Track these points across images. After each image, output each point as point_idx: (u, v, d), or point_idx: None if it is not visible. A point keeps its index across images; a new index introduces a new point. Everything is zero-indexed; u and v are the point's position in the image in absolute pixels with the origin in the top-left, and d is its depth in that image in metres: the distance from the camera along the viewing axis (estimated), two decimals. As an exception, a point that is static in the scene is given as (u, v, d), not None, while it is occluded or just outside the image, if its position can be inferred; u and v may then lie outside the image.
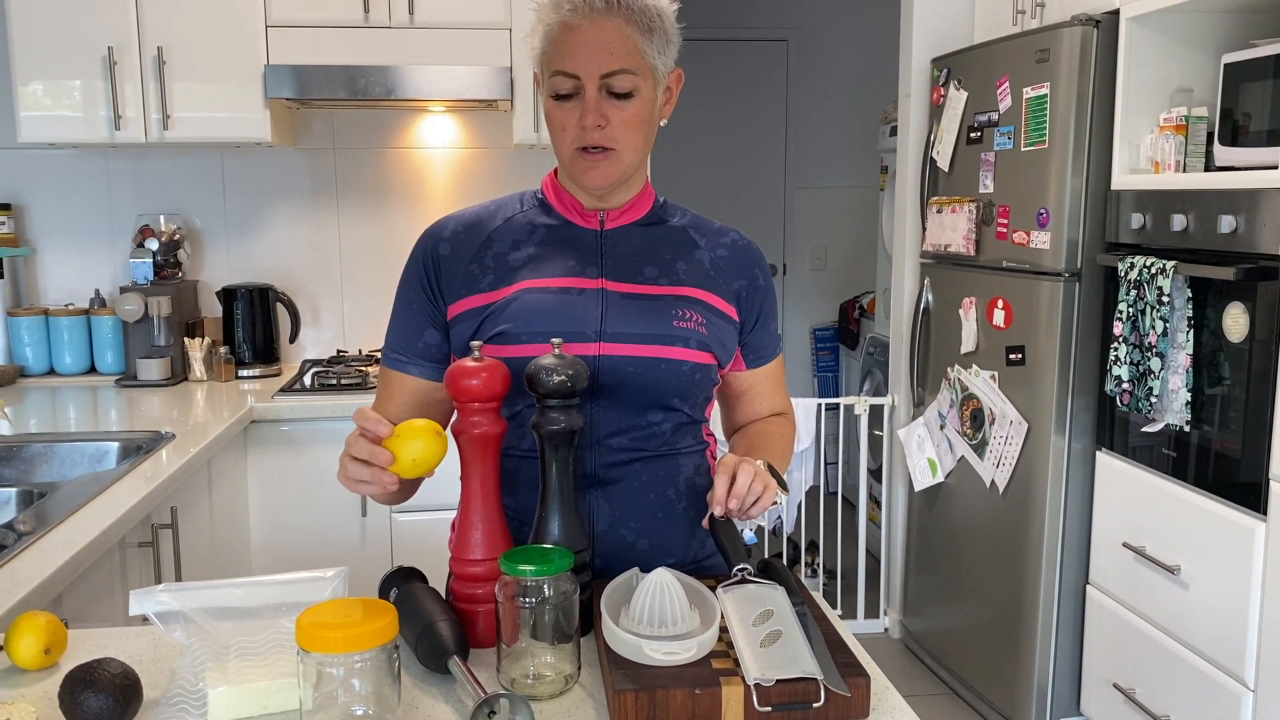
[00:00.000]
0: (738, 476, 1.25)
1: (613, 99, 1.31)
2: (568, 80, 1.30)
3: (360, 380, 2.98)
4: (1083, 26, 2.65)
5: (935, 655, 3.41)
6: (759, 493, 1.25)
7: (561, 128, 1.33)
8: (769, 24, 5.52)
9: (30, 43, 2.82)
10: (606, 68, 1.29)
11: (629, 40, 1.29)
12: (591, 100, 1.30)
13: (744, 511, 1.26)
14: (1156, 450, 2.53)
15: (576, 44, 1.29)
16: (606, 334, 1.34)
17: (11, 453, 2.33)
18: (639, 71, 1.31)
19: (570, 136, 1.32)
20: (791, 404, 1.59)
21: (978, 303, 3.08)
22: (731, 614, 1.16)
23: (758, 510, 1.26)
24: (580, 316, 1.34)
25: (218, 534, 2.54)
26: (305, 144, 3.36)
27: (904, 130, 3.58)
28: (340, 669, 0.97)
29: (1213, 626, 2.33)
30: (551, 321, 1.33)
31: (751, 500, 1.25)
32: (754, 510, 1.26)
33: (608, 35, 1.28)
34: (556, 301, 1.34)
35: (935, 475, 3.30)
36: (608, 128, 1.31)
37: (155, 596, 1.07)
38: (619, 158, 1.33)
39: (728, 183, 5.62)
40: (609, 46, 1.29)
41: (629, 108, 1.31)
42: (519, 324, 1.32)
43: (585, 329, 1.33)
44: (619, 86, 1.30)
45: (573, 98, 1.31)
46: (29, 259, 3.28)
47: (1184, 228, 2.38)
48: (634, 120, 1.32)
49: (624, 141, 1.33)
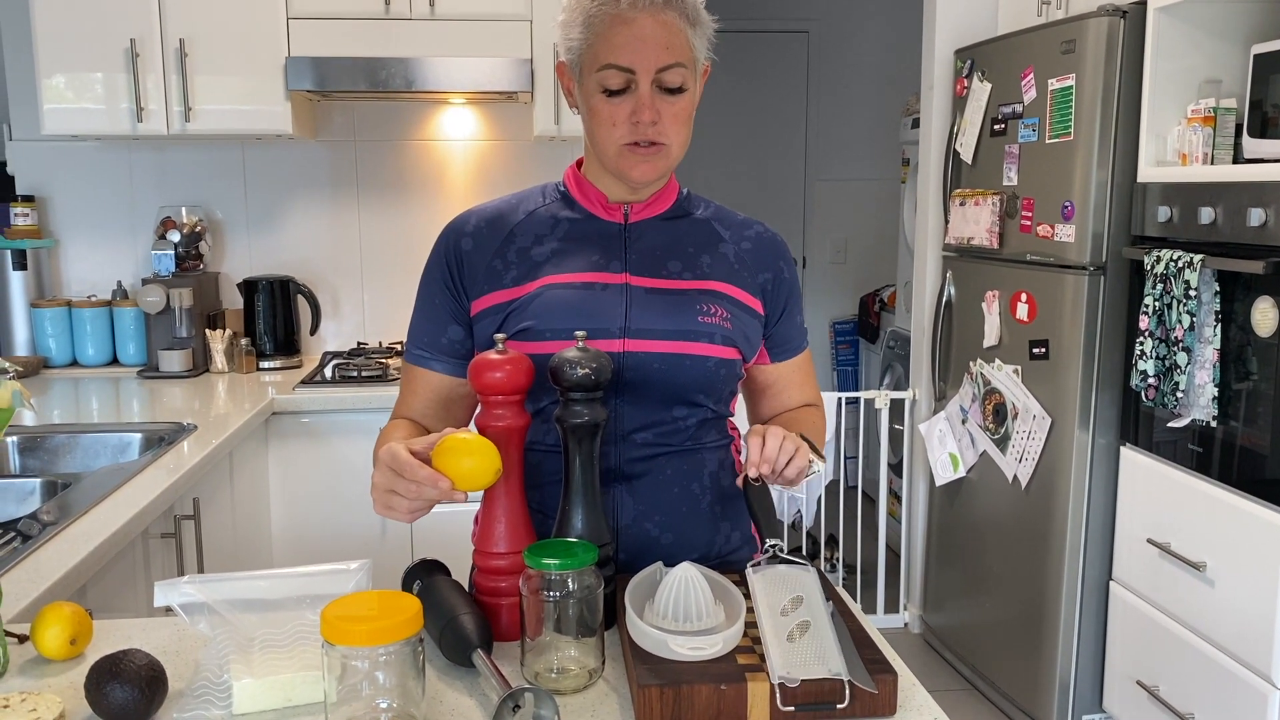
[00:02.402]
0: (767, 439, 1.23)
1: (664, 94, 1.29)
2: (620, 74, 1.28)
3: (381, 372, 2.98)
4: (1109, 17, 2.62)
5: (956, 651, 3.39)
6: (791, 452, 1.23)
7: (611, 123, 1.31)
8: (789, 15, 5.49)
9: (54, 35, 2.83)
10: (663, 61, 1.27)
11: (681, 34, 1.28)
12: (645, 95, 1.28)
13: (778, 475, 1.24)
14: (1182, 446, 2.50)
15: (632, 37, 1.27)
16: (631, 330, 1.33)
17: (35, 443, 2.34)
18: (689, 65, 1.30)
19: (621, 132, 1.30)
20: (821, 397, 1.57)
21: (1001, 296, 3.06)
22: (760, 599, 1.15)
23: (792, 472, 1.24)
24: (604, 312, 1.33)
25: (239, 525, 2.55)
26: (326, 136, 3.37)
27: (926, 122, 3.55)
28: (365, 662, 0.97)
29: (1239, 624, 2.30)
30: (575, 318, 1.32)
31: (785, 460, 1.23)
32: (789, 472, 1.24)
33: (664, 29, 1.27)
34: (580, 297, 1.33)
35: (957, 470, 3.28)
36: (660, 123, 1.30)
37: (180, 588, 1.07)
38: (668, 152, 1.33)
39: (748, 175, 5.59)
40: (665, 40, 1.27)
41: (679, 102, 1.31)
42: (543, 320, 1.32)
43: (609, 325, 1.32)
44: (671, 81, 1.29)
45: (624, 92, 1.29)
46: (52, 251, 3.29)
47: (1212, 220, 2.35)
48: (683, 115, 1.32)
49: (673, 136, 1.32)
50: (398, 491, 1.13)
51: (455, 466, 1.11)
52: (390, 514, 1.15)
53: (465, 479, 1.11)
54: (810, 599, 1.16)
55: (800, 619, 1.12)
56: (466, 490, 1.12)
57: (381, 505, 1.15)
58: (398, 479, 1.12)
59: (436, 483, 1.10)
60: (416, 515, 1.15)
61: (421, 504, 1.13)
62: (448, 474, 1.10)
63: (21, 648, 1.21)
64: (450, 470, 1.11)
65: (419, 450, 1.15)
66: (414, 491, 1.11)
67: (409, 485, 1.11)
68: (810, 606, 1.14)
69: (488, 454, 1.13)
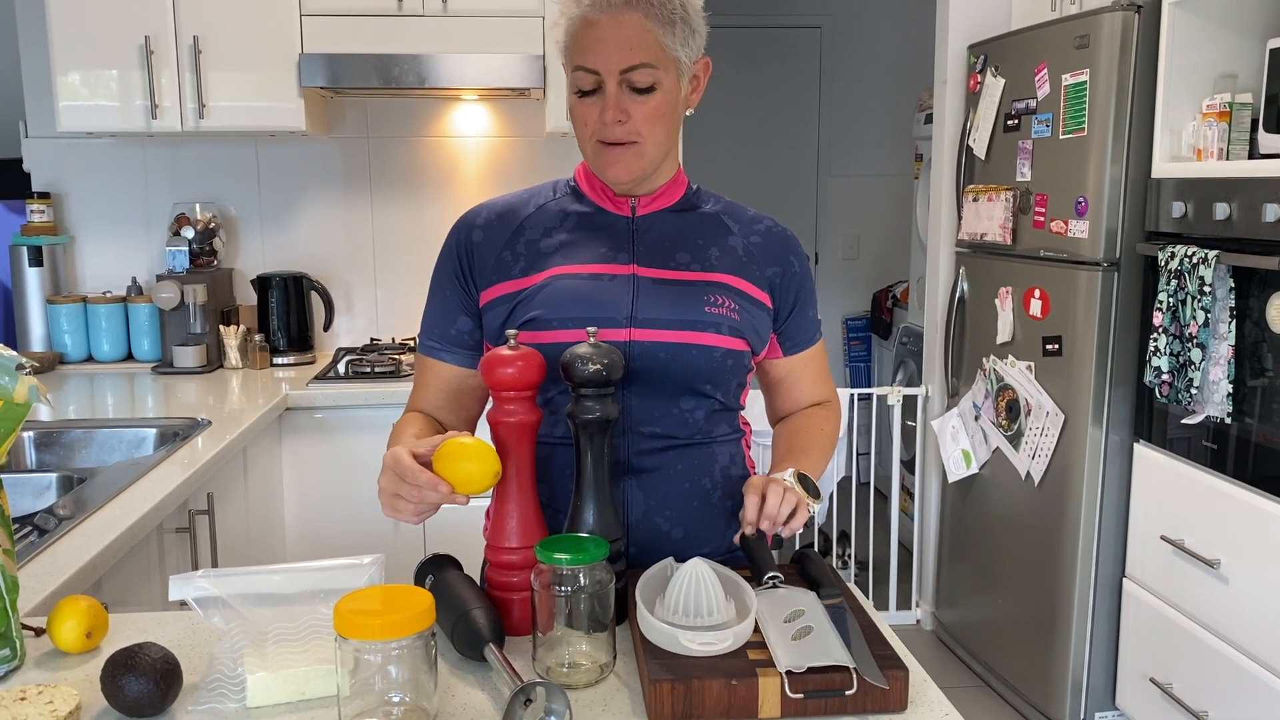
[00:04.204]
0: (768, 497, 1.27)
1: (633, 93, 1.30)
2: (589, 76, 1.30)
3: (394, 368, 2.99)
4: (1124, 12, 2.61)
5: (968, 647, 3.38)
6: (792, 506, 1.27)
7: (583, 122, 1.33)
8: (802, 10, 5.48)
9: (69, 33, 2.85)
10: (625, 63, 1.28)
11: (649, 34, 1.29)
12: (611, 95, 1.30)
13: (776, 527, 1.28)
14: (1196, 442, 2.49)
15: (595, 39, 1.29)
16: (637, 319, 1.33)
17: (52, 439, 2.36)
18: (660, 65, 1.30)
19: (591, 130, 1.33)
20: (836, 393, 1.57)
21: (1014, 292, 3.05)
22: (764, 612, 1.16)
23: (793, 526, 1.28)
24: (611, 302, 1.34)
25: (253, 520, 2.57)
26: (339, 133, 3.38)
27: (939, 118, 3.54)
28: (378, 656, 0.97)
29: (1254, 621, 2.29)
30: (582, 307, 1.33)
31: (785, 516, 1.27)
32: (791, 525, 1.28)
33: (627, 30, 1.28)
34: (587, 287, 1.34)
35: (970, 466, 3.27)
36: (629, 122, 1.31)
37: (195, 582, 1.08)
38: (642, 150, 1.33)
39: (760, 170, 5.58)
40: (628, 41, 1.28)
41: (650, 102, 1.31)
42: (550, 310, 1.33)
43: (616, 314, 1.33)
44: (639, 81, 1.30)
45: (594, 93, 1.31)
46: (67, 247, 3.31)
47: (1227, 216, 2.34)
48: (655, 114, 1.32)
49: (647, 134, 1.32)
50: (401, 495, 1.15)
51: (455, 471, 1.13)
52: (397, 515, 1.17)
53: (464, 483, 1.14)
54: (812, 611, 1.16)
55: (803, 625, 1.12)
56: (467, 494, 1.14)
57: (388, 508, 1.18)
58: (401, 483, 1.15)
59: (436, 487, 1.12)
60: (423, 517, 1.17)
61: (425, 507, 1.16)
62: (447, 478, 1.13)
63: (38, 641, 1.23)
64: (450, 475, 1.13)
65: (422, 454, 1.17)
66: (416, 495, 1.14)
67: (411, 489, 1.14)
68: (812, 617, 1.14)
69: (486, 458, 1.15)
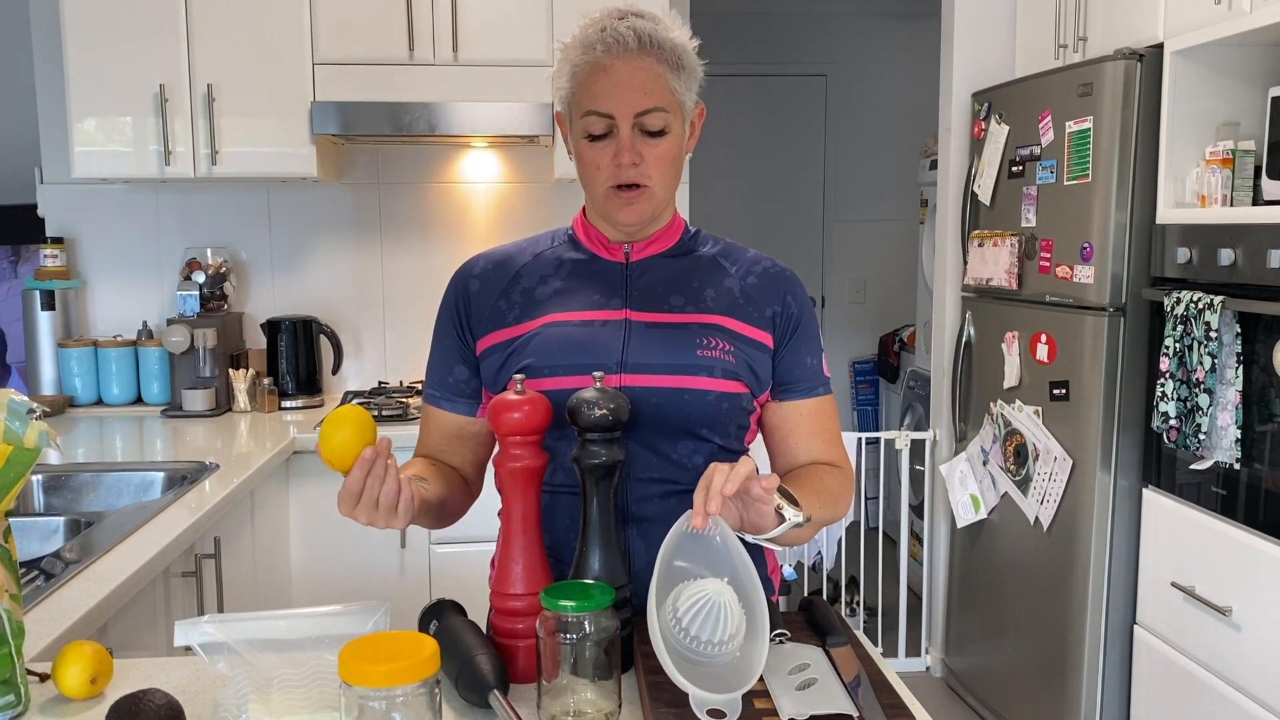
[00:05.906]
0: (713, 478, 1.10)
1: (646, 137, 1.33)
2: (601, 120, 1.32)
3: (401, 411, 3.00)
4: (1126, 60, 2.64)
5: (978, 695, 3.35)
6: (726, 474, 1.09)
7: (595, 166, 1.35)
8: (808, 59, 5.54)
9: (86, 81, 2.89)
10: (640, 106, 1.31)
11: (660, 79, 1.32)
12: (626, 139, 1.32)
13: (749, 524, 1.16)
14: (1205, 488, 2.48)
15: (610, 84, 1.31)
16: (628, 365, 1.34)
17: (60, 482, 2.37)
18: (670, 109, 1.33)
19: (605, 175, 1.34)
20: (847, 458, 1.44)
21: (1020, 337, 3.05)
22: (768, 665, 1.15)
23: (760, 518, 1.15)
24: (601, 348, 1.34)
25: (259, 564, 2.56)
26: (350, 179, 3.41)
27: (944, 164, 3.57)
28: (382, 702, 0.97)
29: (1266, 669, 2.26)
30: (573, 353, 1.34)
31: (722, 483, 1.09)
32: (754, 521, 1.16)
33: (640, 75, 1.31)
34: (579, 334, 1.35)
35: (978, 511, 3.25)
36: (642, 165, 1.33)
37: (200, 628, 1.08)
38: (652, 194, 1.35)
39: (767, 216, 5.62)
40: (642, 86, 1.31)
41: (662, 145, 1.34)
42: (541, 357, 1.34)
43: (607, 360, 1.34)
44: (652, 125, 1.32)
45: (606, 137, 1.33)
46: (79, 291, 3.34)
47: (1232, 262, 2.34)
48: (666, 157, 1.34)
49: (657, 178, 1.35)
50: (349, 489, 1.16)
51: (328, 441, 1.15)
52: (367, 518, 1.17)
53: (338, 451, 1.15)
54: (816, 664, 1.15)
55: (807, 677, 1.12)
56: (339, 463, 1.15)
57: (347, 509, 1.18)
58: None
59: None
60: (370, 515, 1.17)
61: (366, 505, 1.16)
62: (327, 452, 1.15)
63: (42, 686, 1.22)
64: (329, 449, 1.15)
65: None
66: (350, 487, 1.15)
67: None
68: (817, 669, 1.14)
69: (359, 424, 1.15)
